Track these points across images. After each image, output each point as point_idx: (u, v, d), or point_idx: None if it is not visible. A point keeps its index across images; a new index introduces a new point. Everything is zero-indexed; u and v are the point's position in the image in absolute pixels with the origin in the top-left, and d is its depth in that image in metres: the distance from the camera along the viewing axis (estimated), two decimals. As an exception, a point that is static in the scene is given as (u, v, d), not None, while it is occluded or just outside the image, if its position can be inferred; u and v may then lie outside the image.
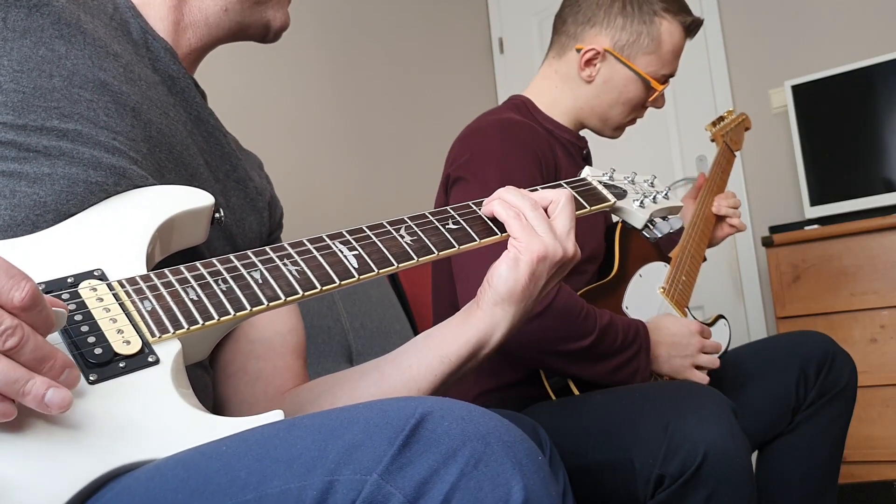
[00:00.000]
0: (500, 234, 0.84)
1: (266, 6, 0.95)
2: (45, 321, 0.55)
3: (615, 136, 1.63)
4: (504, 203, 0.84)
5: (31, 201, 0.69)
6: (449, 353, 0.81)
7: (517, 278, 0.79)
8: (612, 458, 1.16)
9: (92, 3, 0.84)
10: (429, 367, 0.81)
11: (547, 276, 0.81)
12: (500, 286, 0.80)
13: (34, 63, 0.73)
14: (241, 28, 0.96)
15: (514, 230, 0.81)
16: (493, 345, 0.82)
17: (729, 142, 1.83)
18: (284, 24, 0.98)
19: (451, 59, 3.45)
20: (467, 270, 1.30)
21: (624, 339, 1.31)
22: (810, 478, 1.49)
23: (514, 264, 0.80)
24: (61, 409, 0.53)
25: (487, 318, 0.81)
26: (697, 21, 1.55)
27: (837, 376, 1.50)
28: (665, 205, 1.04)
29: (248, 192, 0.95)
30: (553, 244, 0.80)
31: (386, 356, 0.86)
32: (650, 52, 1.50)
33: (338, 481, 0.50)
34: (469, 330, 0.81)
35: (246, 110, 2.40)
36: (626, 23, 1.50)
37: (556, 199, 0.85)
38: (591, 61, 1.52)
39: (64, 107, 0.73)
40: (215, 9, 0.92)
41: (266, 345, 0.92)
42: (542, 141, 1.45)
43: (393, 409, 0.53)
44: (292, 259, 0.72)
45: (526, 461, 0.53)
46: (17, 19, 0.74)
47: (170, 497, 0.53)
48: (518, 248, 0.80)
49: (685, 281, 1.57)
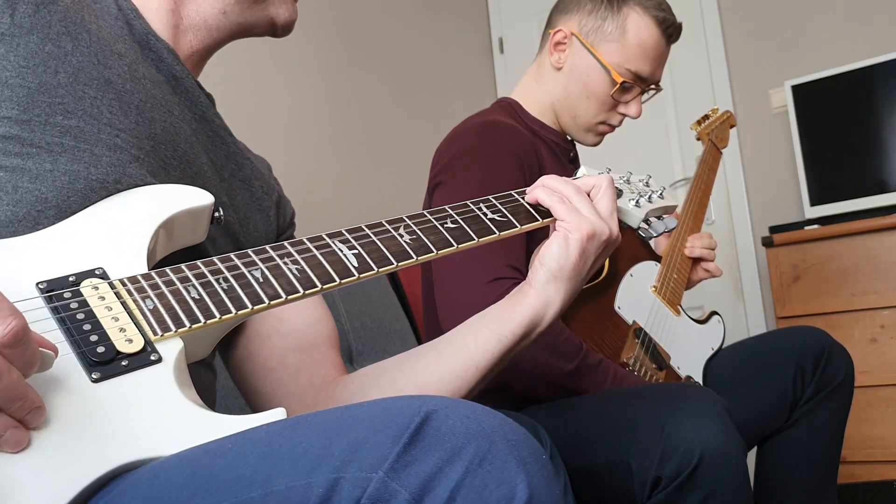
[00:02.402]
0: (497, 232, 0.85)
1: (267, 3, 0.94)
2: (29, 360, 0.54)
3: (587, 140, 1.59)
4: (547, 189, 0.88)
5: (32, 197, 0.69)
6: (505, 331, 0.84)
7: (568, 256, 0.83)
8: (609, 460, 1.17)
9: (95, 5, 0.84)
10: (485, 346, 0.84)
11: (595, 255, 0.85)
12: (553, 264, 0.84)
13: (40, 59, 0.73)
14: (245, 28, 0.95)
15: (561, 212, 0.85)
16: (546, 322, 0.85)
17: (715, 139, 1.83)
18: (290, 19, 0.97)
19: (451, 59, 3.45)
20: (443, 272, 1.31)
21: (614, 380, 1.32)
22: (810, 472, 1.49)
23: (565, 243, 0.83)
24: (14, 449, 0.53)
25: (542, 296, 0.84)
26: (672, 21, 1.51)
27: (834, 371, 1.49)
28: (660, 204, 1.05)
29: (253, 192, 0.95)
30: (600, 223, 0.85)
31: (440, 338, 0.88)
32: (613, 41, 1.48)
33: (343, 479, 0.50)
34: (524, 308, 0.84)
35: (245, 111, 2.40)
36: (593, 8, 1.50)
37: (598, 184, 0.89)
38: (558, 45, 1.52)
39: (68, 103, 0.73)
40: (213, 11, 0.92)
41: (299, 336, 0.92)
42: (526, 142, 1.44)
43: (397, 407, 0.54)
44: (293, 258, 0.72)
45: (530, 459, 0.54)
46: (24, 15, 0.74)
47: (174, 495, 0.53)
48: (567, 228, 0.84)
49: (676, 279, 1.57)
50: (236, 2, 0.92)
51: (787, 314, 2.45)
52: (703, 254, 1.61)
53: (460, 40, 3.56)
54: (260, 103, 2.53)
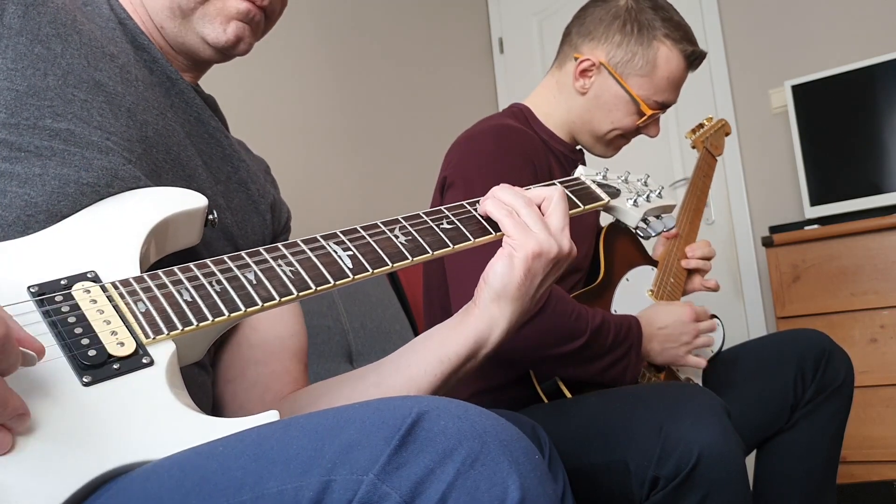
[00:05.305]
0: (494, 233, 0.84)
1: (192, 20, 0.87)
2: (13, 364, 0.53)
3: (606, 154, 1.61)
4: (497, 201, 0.84)
5: (21, 202, 0.69)
6: (448, 353, 0.81)
7: (512, 275, 0.79)
8: (608, 460, 1.17)
9: (87, 7, 0.83)
10: (427, 367, 0.81)
11: (543, 274, 0.81)
12: (496, 283, 0.80)
13: (29, 61, 0.72)
14: (186, 48, 0.89)
15: (508, 228, 0.81)
16: (492, 344, 0.82)
17: (710, 147, 1.85)
18: (229, 40, 0.87)
19: (451, 59, 3.45)
20: (461, 271, 1.30)
21: (615, 338, 1.31)
22: (810, 474, 1.49)
23: (510, 262, 0.79)
24: None
25: (485, 317, 0.81)
26: (699, 53, 1.54)
27: (835, 373, 1.50)
28: (658, 203, 1.04)
29: (250, 194, 0.95)
30: (547, 240, 0.80)
31: (385, 358, 0.86)
32: (643, 75, 1.49)
33: (334, 481, 0.50)
34: (467, 329, 0.81)
35: (245, 112, 2.40)
36: (623, 40, 1.49)
37: (549, 196, 0.84)
38: (585, 72, 1.51)
39: (57, 106, 0.72)
40: (159, 21, 0.87)
41: (266, 349, 0.91)
42: (538, 149, 1.45)
43: (389, 408, 0.53)
44: (286, 260, 0.72)
45: (523, 460, 0.53)
46: (13, 17, 0.73)
47: (166, 498, 0.53)
48: (512, 246, 0.80)
49: (673, 283, 1.58)
50: (169, 16, 0.86)
51: (786, 314, 2.44)
52: (700, 265, 1.62)
53: (460, 40, 3.56)
54: (259, 105, 2.53)
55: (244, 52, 0.90)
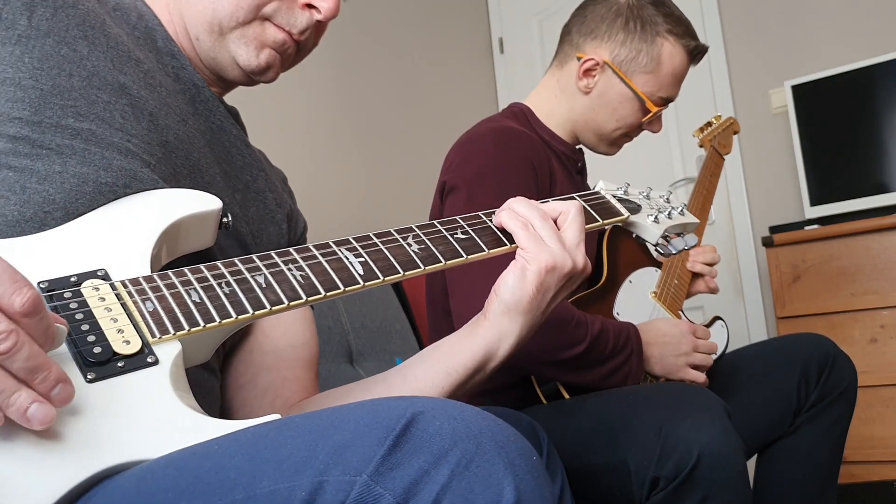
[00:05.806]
0: (509, 244, 0.83)
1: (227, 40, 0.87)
2: (46, 332, 0.54)
3: (610, 152, 1.61)
4: (512, 213, 0.83)
5: (40, 198, 0.69)
6: (456, 364, 0.80)
7: (524, 288, 0.79)
8: (608, 461, 1.17)
9: (116, 12, 0.84)
10: (435, 379, 0.80)
11: (556, 289, 0.80)
12: (507, 296, 0.79)
13: (55, 62, 0.73)
14: (218, 65, 0.89)
15: (522, 240, 0.80)
16: (500, 357, 0.81)
17: (717, 146, 1.84)
18: (259, 65, 0.88)
19: (451, 59, 3.45)
20: (460, 283, 1.29)
21: (615, 345, 1.30)
22: (811, 479, 1.49)
23: (522, 274, 0.79)
24: (43, 425, 0.53)
25: (494, 329, 0.80)
26: (702, 47, 1.54)
27: (838, 379, 1.50)
28: (680, 221, 1.02)
29: (267, 204, 0.95)
30: (562, 255, 0.80)
31: (394, 368, 0.85)
32: (648, 72, 1.49)
33: (327, 482, 0.49)
34: (476, 341, 0.81)
35: (245, 112, 2.40)
36: (626, 38, 1.49)
37: (566, 211, 0.84)
38: (589, 72, 1.51)
39: (80, 106, 0.73)
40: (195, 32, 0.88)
41: (278, 356, 0.91)
42: (539, 150, 1.45)
43: (384, 408, 0.53)
44: (297, 264, 0.71)
45: (519, 461, 0.53)
46: (41, 18, 0.74)
47: (160, 496, 0.53)
48: (526, 259, 0.79)
49: (678, 284, 1.57)
50: (207, 30, 0.87)
51: (787, 314, 2.45)
52: (704, 270, 1.61)
53: (460, 40, 3.56)
54: (259, 106, 2.53)
55: (271, 80, 0.91)
